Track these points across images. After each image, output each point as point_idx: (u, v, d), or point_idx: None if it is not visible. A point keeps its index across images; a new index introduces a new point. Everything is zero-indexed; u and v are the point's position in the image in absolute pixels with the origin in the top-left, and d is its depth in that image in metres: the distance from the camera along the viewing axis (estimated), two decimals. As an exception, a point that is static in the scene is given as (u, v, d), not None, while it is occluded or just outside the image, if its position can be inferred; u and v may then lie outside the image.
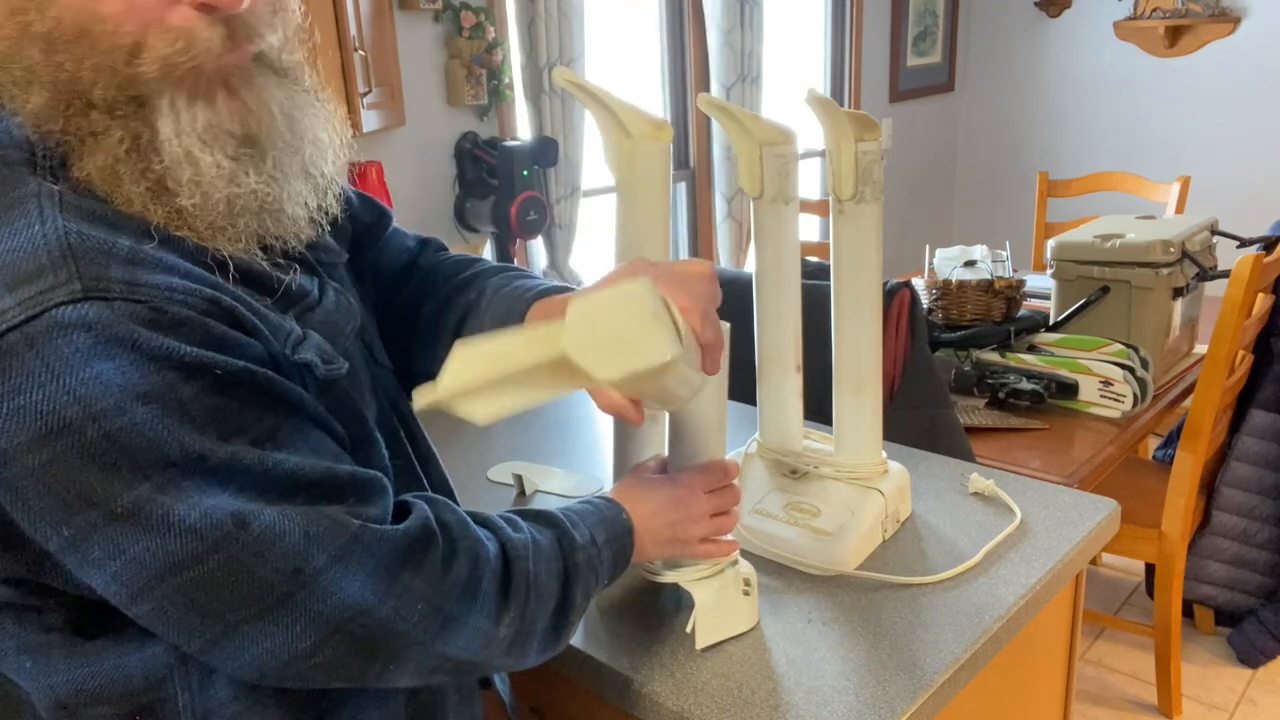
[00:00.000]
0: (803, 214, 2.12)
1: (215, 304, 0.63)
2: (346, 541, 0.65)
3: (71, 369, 0.57)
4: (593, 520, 0.85)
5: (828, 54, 3.55)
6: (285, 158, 0.71)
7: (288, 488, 0.64)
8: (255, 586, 0.62)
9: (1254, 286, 1.85)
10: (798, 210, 1.17)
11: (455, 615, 0.70)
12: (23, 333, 0.57)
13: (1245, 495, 2.18)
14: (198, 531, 0.60)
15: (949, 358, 2.07)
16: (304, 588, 0.63)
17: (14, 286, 0.58)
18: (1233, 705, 2.18)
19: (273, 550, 0.62)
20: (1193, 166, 3.52)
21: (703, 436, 0.95)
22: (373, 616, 0.66)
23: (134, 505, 0.59)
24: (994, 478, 1.30)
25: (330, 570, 0.64)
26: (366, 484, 0.69)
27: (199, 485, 0.60)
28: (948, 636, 0.99)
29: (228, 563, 0.61)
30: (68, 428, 0.57)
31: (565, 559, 0.80)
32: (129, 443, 0.58)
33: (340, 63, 1.75)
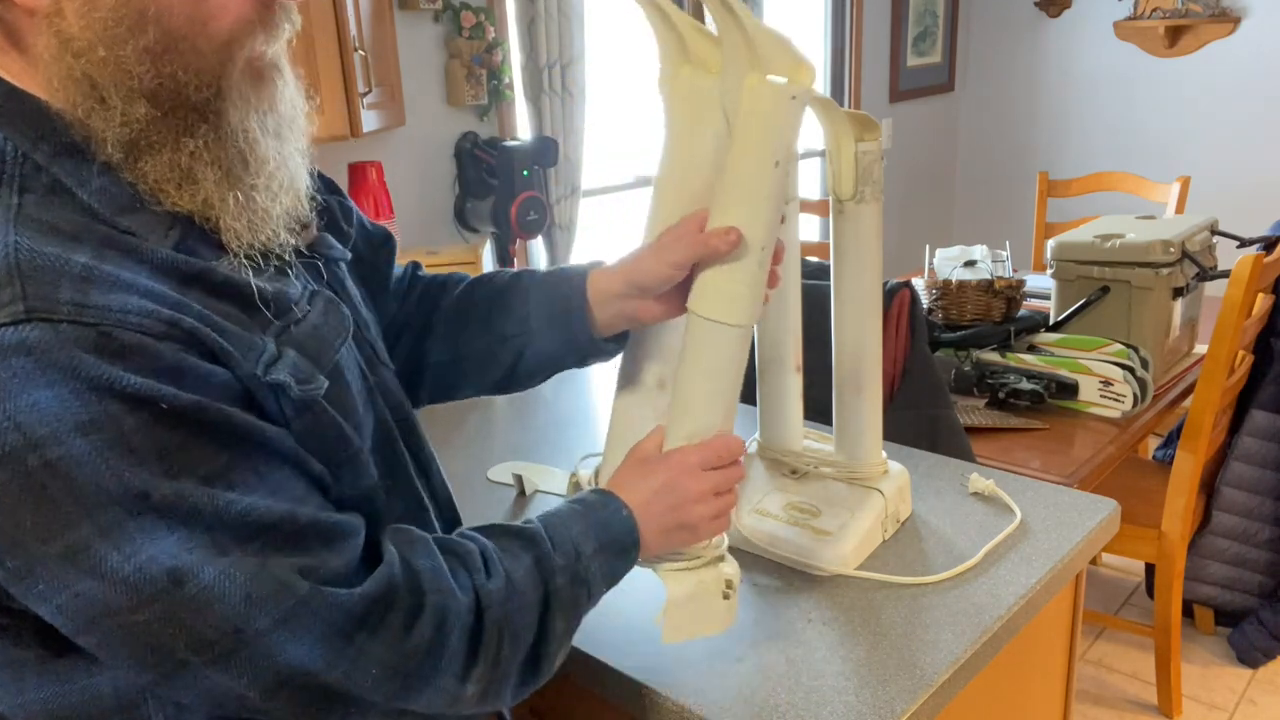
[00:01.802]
0: (803, 214, 2.13)
1: (175, 326, 0.61)
2: (293, 606, 0.62)
3: (9, 395, 0.55)
4: (579, 528, 0.80)
5: (828, 54, 3.55)
6: (295, 137, 0.74)
7: (238, 532, 0.61)
8: (195, 639, 0.60)
9: (1254, 286, 1.85)
10: (798, 210, 1.17)
11: (416, 677, 0.68)
12: None
13: (1245, 495, 2.18)
14: (132, 585, 0.58)
15: (949, 358, 2.07)
16: (246, 646, 0.61)
17: None
18: (1233, 705, 2.18)
19: (211, 610, 0.60)
20: (1193, 166, 3.52)
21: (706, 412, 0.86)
22: (321, 679, 0.64)
23: (72, 547, 0.57)
24: (994, 478, 1.29)
25: (273, 634, 0.61)
26: (330, 530, 0.66)
27: (141, 527, 0.58)
28: (948, 636, 0.99)
29: (164, 616, 0.59)
30: (7, 456, 0.55)
31: (545, 584, 0.76)
32: (68, 476, 0.56)
33: (340, 63, 1.75)
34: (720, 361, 0.83)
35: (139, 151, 0.65)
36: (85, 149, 0.64)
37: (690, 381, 0.85)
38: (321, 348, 0.72)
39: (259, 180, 0.70)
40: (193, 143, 0.66)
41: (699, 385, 0.85)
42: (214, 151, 0.67)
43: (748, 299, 0.82)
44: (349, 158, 2.12)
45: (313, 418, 0.70)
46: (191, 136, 0.66)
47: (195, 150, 0.66)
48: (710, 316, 0.82)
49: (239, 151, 0.68)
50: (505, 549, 0.77)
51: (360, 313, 0.86)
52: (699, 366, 0.84)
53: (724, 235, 0.80)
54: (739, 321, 0.82)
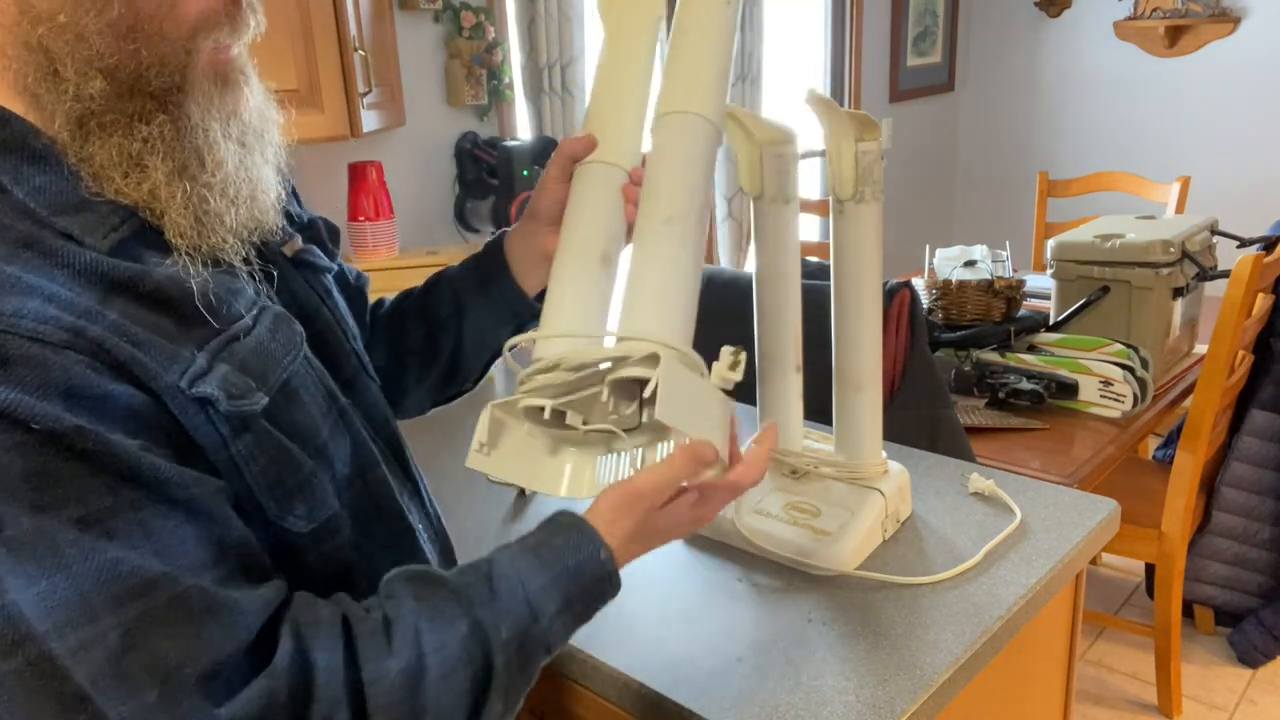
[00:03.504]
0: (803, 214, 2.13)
1: (78, 335, 0.56)
2: (139, 709, 0.53)
3: None
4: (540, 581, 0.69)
5: (828, 54, 3.55)
6: (262, 145, 0.72)
7: (99, 592, 0.53)
8: (53, 705, 0.53)
9: (1254, 286, 1.85)
10: (798, 210, 1.17)
11: None
12: None
13: (1245, 495, 2.18)
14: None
15: (949, 358, 2.07)
16: None
17: None
18: (1233, 705, 2.18)
19: (55, 683, 0.52)
20: (1193, 166, 3.52)
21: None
22: None
23: None
24: (994, 478, 1.30)
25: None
26: (218, 608, 0.57)
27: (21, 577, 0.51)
28: (948, 636, 0.99)
29: (21, 672, 0.52)
30: None
31: (483, 658, 0.66)
32: None
33: (340, 63, 1.75)
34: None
35: (88, 132, 0.62)
36: (25, 145, 0.62)
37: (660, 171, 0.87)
38: (267, 364, 0.68)
39: (214, 181, 0.67)
40: (146, 129, 0.64)
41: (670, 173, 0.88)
42: (169, 143, 0.65)
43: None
44: (349, 158, 2.12)
45: (254, 439, 0.65)
46: (146, 123, 0.64)
47: (148, 138, 0.64)
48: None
49: (195, 149, 0.66)
50: (436, 615, 0.65)
51: (346, 323, 0.85)
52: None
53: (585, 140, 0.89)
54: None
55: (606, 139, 0.91)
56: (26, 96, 0.62)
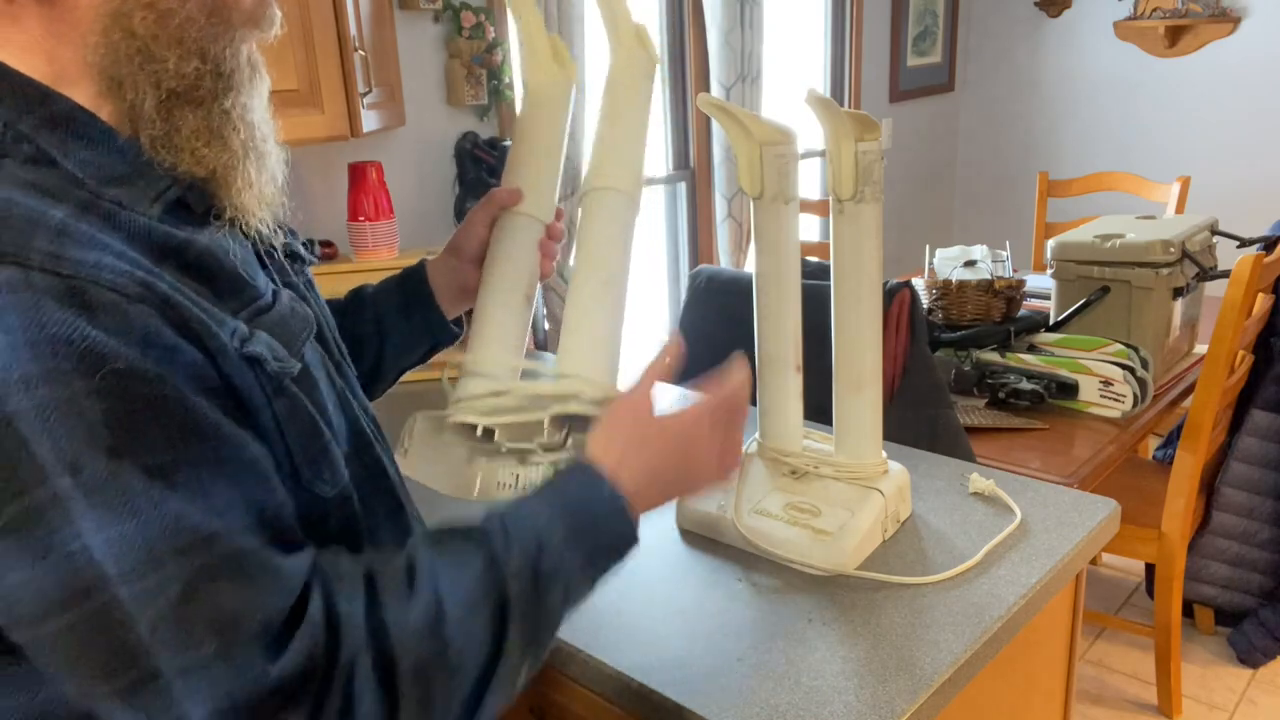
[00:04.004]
0: (803, 214, 2.13)
1: (148, 289, 0.59)
2: (195, 659, 0.56)
3: None
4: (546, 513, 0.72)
5: (828, 54, 3.55)
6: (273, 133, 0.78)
7: (164, 542, 0.55)
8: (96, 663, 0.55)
9: (1254, 286, 1.85)
10: (798, 210, 1.17)
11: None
12: None
13: (1245, 495, 2.18)
14: (62, 578, 0.54)
15: (949, 358, 2.07)
16: (143, 690, 0.55)
17: None
18: (1233, 705, 2.18)
19: (113, 635, 0.55)
20: (1193, 166, 3.52)
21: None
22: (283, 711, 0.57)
23: (15, 520, 0.53)
24: (994, 478, 1.30)
25: (174, 684, 0.56)
26: (270, 570, 0.60)
27: (77, 510, 0.54)
28: (948, 636, 0.99)
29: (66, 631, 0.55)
30: None
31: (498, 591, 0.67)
32: (11, 435, 0.53)
33: (340, 63, 1.75)
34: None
35: (182, 104, 0.67)
36: (72, 119, 0.64)
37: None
38: (290, 335, 0.72)
39: (265, 158, 0.73)
40: (226, 105, 0.69)
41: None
42: (235, 121, 0.70)
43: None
44: (349, 158, 2.12)
45: (289, 403, 0.69)
46: (224, 100, 0.69)
47: (228, 112, 0.69)
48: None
49: (251, 126, 0.72)
50: (452, 556, 0.68)
51: (326, 314, 0.88)
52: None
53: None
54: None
55: (529, 194, 1.04)
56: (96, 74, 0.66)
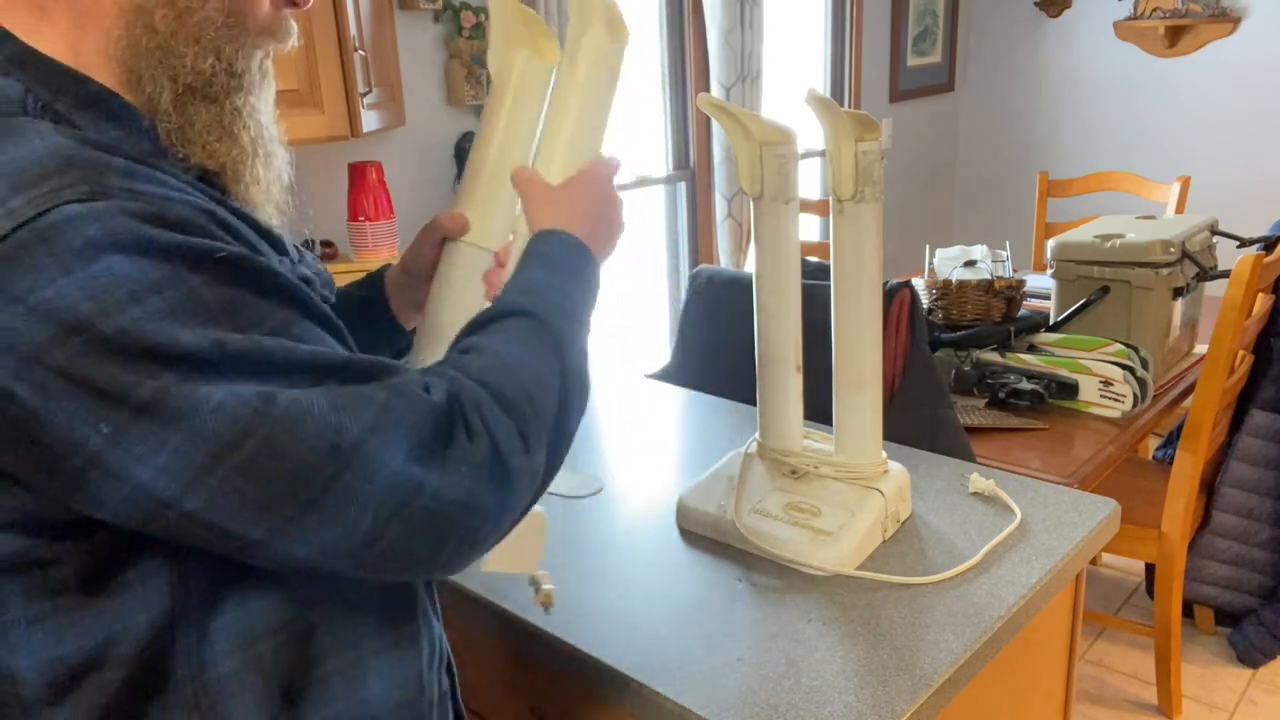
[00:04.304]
0: (803, 214, 2.13)
1: (212, 215, 0.65)
2: (377, 413, 0.64)
3: (83, 262, 0.57)
4: (542, 276, 0.83)
5: (828, 54, 3.56)
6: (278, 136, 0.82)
7: (311, 372, 0.63)
8: (298, 470, 0.61)
9: (1254, 286, 1.85)
10: (798, 210, 1.17)
11: (500, 468, 0.69)
12: (33, 228, 0.57)
13: (1245, 495, 2.18)
14: (227, 412, 0.59)
15: (949, 358, 2.07)
16: (346, 466, 0.62)
17: (21, 188, 0.59)
18: (1233, 705, 2.18)
19: (303, 426, 0.61)
20: (1193, 166, 3.52)
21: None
22: (424, 488, 0.65)
23: (160, 394, 0.58)
24: (994, 478, 1.30)
25: (367, 441, 0.63)
26: (391, 368, 0.68)
27: (221, 372, 0.60)
28: (948, 636, 0.99)
29: (264, 445, 0.60)
30: (84, 322, 0.57)
31: (531, 320, 0.78)
32: (146, 332, 0.58)
33: (340, 63, 1.75)
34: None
35: (196, 99, 0.71)
36: (103, 102, 0.68)
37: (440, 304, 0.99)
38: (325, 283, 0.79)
39: (271, 160, 0.77)
40: (237, 102, 0.73)
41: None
42: (246, 118, 0.74)
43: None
44: (349, 158, 2.12)
45: (335, 328, 0.73)
46: (235, 99, 0.73)
47: (239, 110, 0.73)
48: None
49: (259, 126, 0.76)
50: (493, 328, 0.78)
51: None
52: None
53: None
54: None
55: (476, 220, 0.98)
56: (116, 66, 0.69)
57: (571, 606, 1.08)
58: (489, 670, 1.16)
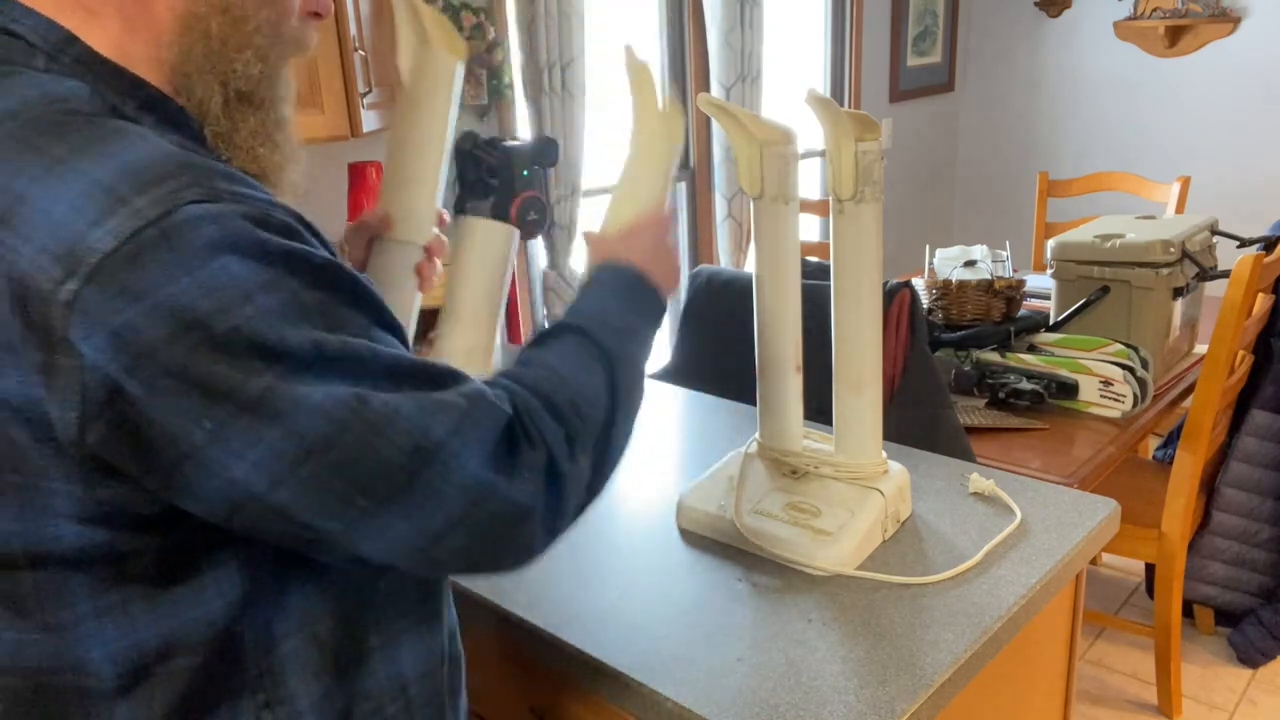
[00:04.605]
0: (803, 214, 2.13)
1: (301, 220, 0.69)
2: (458, 418, 0.68)
3: (203, 262, 0.59)
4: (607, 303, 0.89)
5: (828, 54, 3.56)
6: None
7: (394, 376, 0.67)
8: (383, 468, 0.64)
9: (1254, 286, 1.85)
10: (798, 210, 1.17)
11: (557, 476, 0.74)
12: (159, 227, 0.59)
13: (1245, 495, 2.18)
14: (325, 412, 0.62)
15: (949, 358, 2.07)
16: (427, 465, 0.66)
17: (143, 189, 0.60)
18: (1233, 705, 2.18)
19: (392, 427, 0.64)
20: (1193, 166, 3.52)
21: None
22: (496, 492, 0.69)
23: (264, 393, 0.61)
24: (994, 478, 1.30)
25: (449, 443, 0.67)
26: (458, 375, 0.72)
27: (317, 373, 0.63)
28: (948, 636, 0.99)
29: (355, 443, 0.63)
30: (200, 320, 0.59)
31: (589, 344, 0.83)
32: (254, 331, 0.60)
33: (340, 63, 1.75)
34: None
35: (244, 104, 0.74)
36: (161, 105, 0.70)
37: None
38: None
39: (299, 166, 0.80)
40: (281, 108, 0.77)
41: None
42: (284, 125, 0.77)
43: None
44: (349, 158, 2.12)
45: None
46: (279, 104, 0.77)
47: (279, 120, 0.76)
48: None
49: (292, 133, 0.78)
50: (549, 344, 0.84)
51: None
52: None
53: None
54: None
55: (401, 218, 1.03)
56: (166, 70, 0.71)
57: (571, 606, 1.08)
58: (489, 670, 1.16)
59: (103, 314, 0.58)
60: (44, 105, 0.64)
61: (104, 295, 0.58)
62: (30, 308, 0.58)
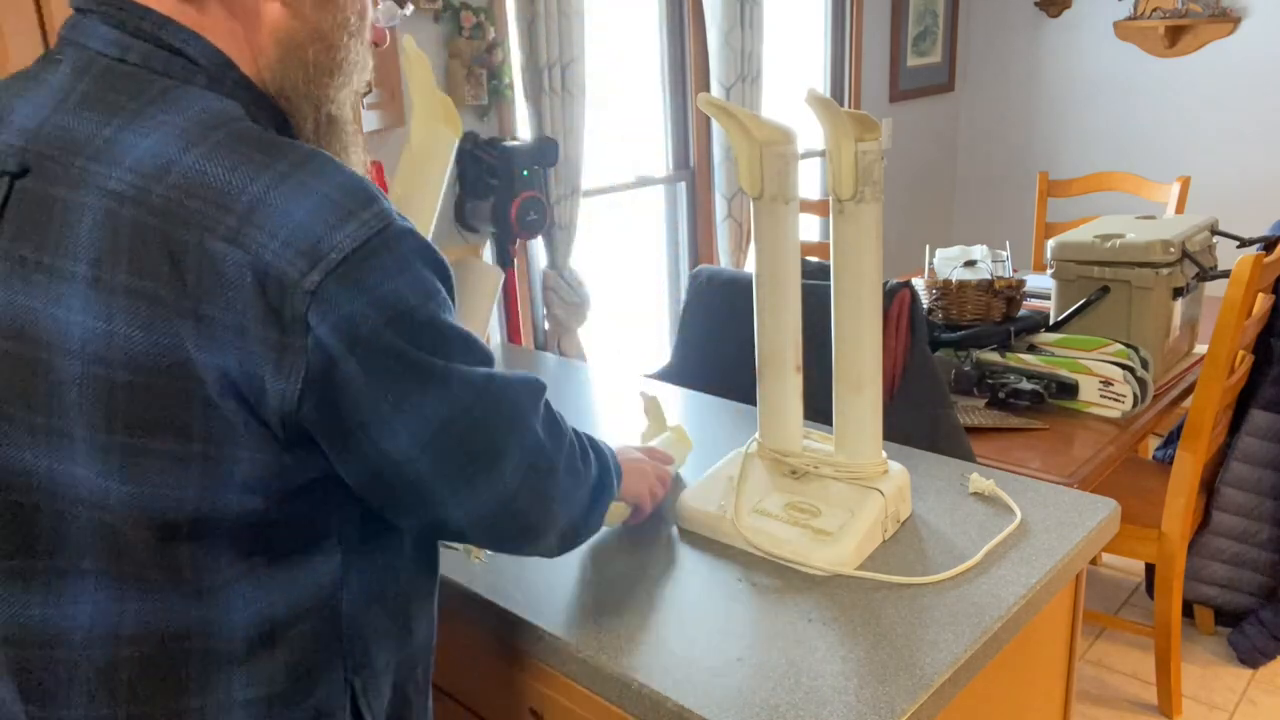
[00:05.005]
0: (803, 214, 2.13)
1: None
2: (540, 402, 0.85)
3: (410, 265, 0.72)
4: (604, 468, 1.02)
5: (828, 54, 3.56)
6: None
7: (486, 359, 0.80)
8: (493, 436, 0.79)
9: (1254, 286, 1.85)
10: (798, 210, 1.17)
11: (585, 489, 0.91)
12: (382, 237, 0.71)
13: (1245, 495, 2.18)
14: (473, 384, 0.77)
15: (949, 358, 2.07)
16: (513, 432, 0.80)
17: (364, 205, 0.71)
18: (1233, 705, 2.18)
19: (506, 399, 0.79)
20: (1193, 166, 3.52)
21: None
22: (544, 451, 0.84)
23: (439, 370, 0.74)
24: (994, 478, 1.30)
25: (529, 413, 0.83)
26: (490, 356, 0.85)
27: (462, 353, 0.76)
28: (948, 636, 0.99)
29: (481, 414, 0.77)
30: (408, 311, 0.72)
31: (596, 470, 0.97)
32: (436, 323, 0.74)
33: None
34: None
35: (331, 122, 0.83)
36: (287, 126, 0.80)
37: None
38: None
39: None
40: (353, 134, 0.86)
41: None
42: (358, 145, 0.87)
43: None
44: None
45: None
46: (354, 125, 0.86)
47: (354, 137, 0.86)
48: None
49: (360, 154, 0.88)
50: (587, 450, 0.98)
51: None
52: None
53: None
54: None
55: None
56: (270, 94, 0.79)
57: (572, 606, 1.08)
58: (489, 670, 1.16)
59: (338, 301, 0.68)
60: (231, 120, 0.72)
61: (341, 286, 0.68)
62: (270, 293, 0.67)
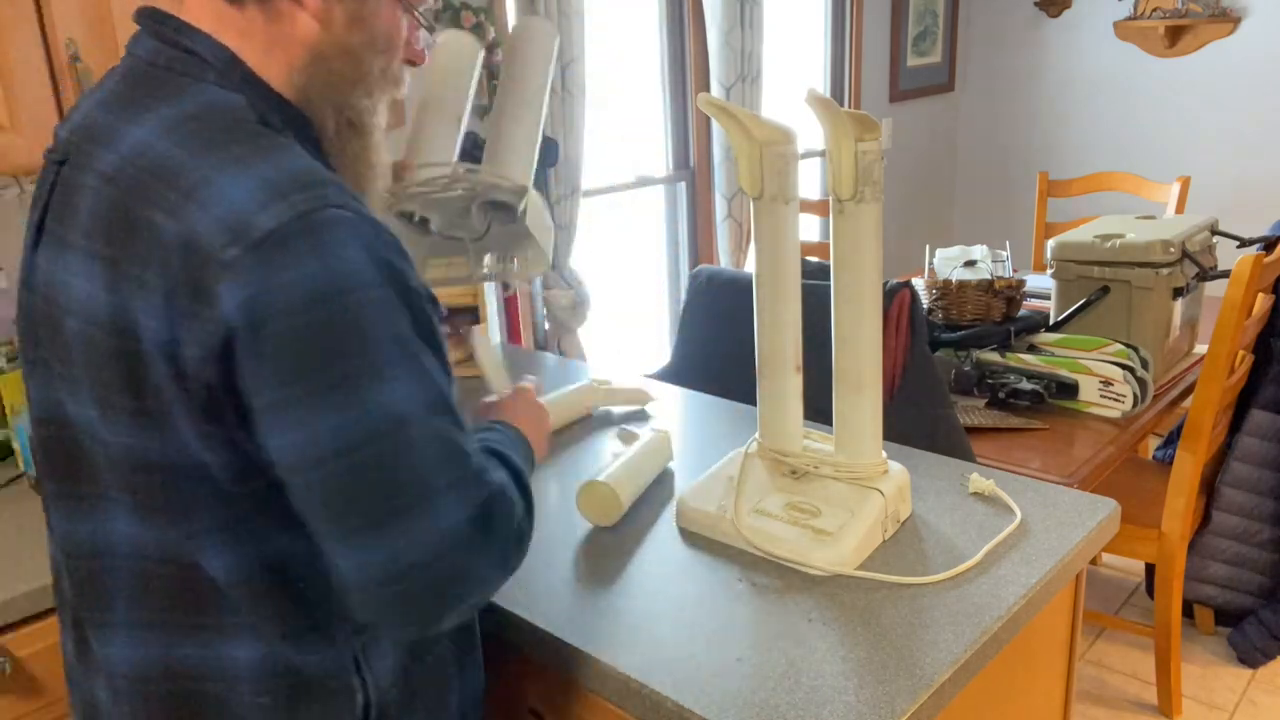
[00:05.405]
0: (803, 214, 2.13)
1: (399, 247, 0.78)
2: (462, 475, 0.76)
3: (333, 253, 0.71)
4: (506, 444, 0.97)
5: (828, 54, 3.56)
6: None
7: (439, 401, 0.75)
8: (386, 488, 0.72)
9: (1254, 286, 1.85)
10: (798, 210, 1.17)
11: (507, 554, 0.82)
12: (306, 220, 0.71)
13: (1245, 495, 2.18)
14: (373, 420, 0.71)
15: (949, 358, 2.07)
16: (420, 503, 0.73)
17: (299, 189, 0.72)
18: (1233, 705, 2.18)
19: (411, 457, 0.73)
20: (1193, 166, 3.52)
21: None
22: (463, 545, 0.75)
23: (350, 375, 0.71)
24: (994, 478, 1.30)
25: (445, 495, 0.74)
26: (471, 434, 0.82)
27: (391, 374, 0.72)
28: (948, 636, 0.99)
29: (379, 455, 0.72)
30: (320, 300, 0.70)
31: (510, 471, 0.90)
32: (358, 323, 0.71)
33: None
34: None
35: (352, 130, 0.87)
36: (299, 124, 0.83)
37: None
38: None
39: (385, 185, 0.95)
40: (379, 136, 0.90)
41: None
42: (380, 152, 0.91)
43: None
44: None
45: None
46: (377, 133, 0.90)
47: (376, 144, 0.90)
48: None
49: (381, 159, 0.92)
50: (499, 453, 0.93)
51: None
52: None
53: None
54: None
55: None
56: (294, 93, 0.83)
57: (572, 607, 1.08)
58: (489, 670, 1.16)
59: (250, 278, 0.68)
60: (219, 111, 0.77)
61: (254, 263, 0.68)
62: (193, 263, 0.69)
